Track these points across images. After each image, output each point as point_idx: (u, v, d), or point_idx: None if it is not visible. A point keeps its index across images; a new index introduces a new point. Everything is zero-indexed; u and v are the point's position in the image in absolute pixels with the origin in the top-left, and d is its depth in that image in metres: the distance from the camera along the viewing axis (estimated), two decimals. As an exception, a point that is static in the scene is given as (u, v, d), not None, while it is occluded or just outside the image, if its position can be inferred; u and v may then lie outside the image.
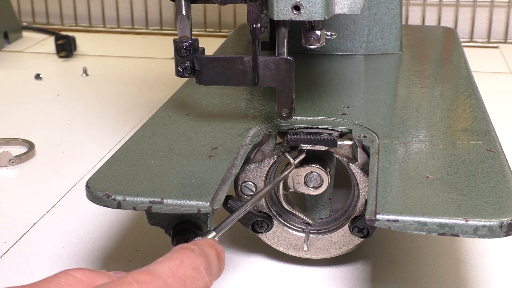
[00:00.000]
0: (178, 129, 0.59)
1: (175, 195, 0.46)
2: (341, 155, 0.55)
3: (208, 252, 0.39)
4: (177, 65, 0.56)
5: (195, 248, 0.39)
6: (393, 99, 0.67)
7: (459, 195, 0.45)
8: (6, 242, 0.63)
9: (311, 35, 0.55)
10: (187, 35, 0.56)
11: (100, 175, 0.50)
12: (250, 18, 0.53)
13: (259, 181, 0.55)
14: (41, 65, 1.26)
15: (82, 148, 0.86)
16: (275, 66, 0.53)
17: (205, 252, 0.39)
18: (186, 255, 0.38)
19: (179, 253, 0.38)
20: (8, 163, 0.81)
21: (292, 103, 0.54)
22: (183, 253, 0.38)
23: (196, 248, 0.39)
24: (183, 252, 0.38)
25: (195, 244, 0.39)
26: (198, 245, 0.39)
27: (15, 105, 1.03)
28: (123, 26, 1.54)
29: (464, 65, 0.78)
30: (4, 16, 1.39)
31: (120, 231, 0.65)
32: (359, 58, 0.81)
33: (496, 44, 1.38)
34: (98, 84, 1.14)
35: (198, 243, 0.40)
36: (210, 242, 0.41)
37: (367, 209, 0.44)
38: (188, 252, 0.38)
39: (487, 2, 1.38)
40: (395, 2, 0.82)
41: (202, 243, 0.40)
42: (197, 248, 0.39)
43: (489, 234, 0.42)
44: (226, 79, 0.55)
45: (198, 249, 0.39)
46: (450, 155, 0.52)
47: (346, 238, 0.56)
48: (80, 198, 0.72)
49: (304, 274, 0.58)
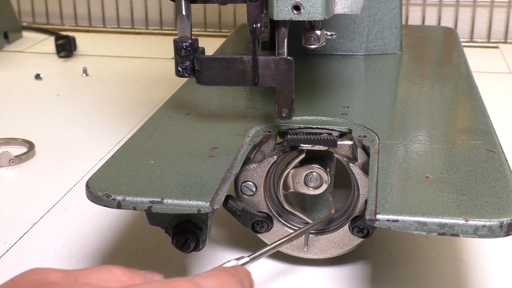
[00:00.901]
0: (178, 129, 0.59)
1: (175, 195, 0.46)
2: (341, 155, 0.55)
3: (244, 280, 0.40)
4: (177, 65, 0.56)
5: (236, 273, 0.39)
6: (393, 99, 0.67)
7: (459, 195, 0.45)
8: (6, 242, 0.63)
9: (311, 35, 0.55)
10: (187, 35, 0.56)
11: (100, 175, 0.50)
12: (250, 18, 0.53)
13: (259, 181, 0.55)
14: (41, 65, 1.26)
15: (82, 148, 0.86)
16: (275, 66, 0.53)
17: (242, 281, 0.39)
18: (228, 278, 0.38)
19: (222, 273, 0.38)
20: (8, 163, 0.81)
21: (292, 103, 0.54)
22: (226, 275, 0.38)
23: (237, 274, 0.39)
24: (226, 274, 0.38)
25: (235, 270, 0.40)
26: (237, 271, 0.40)
27: (15, 105, 1.03)
28: (123, 26, 1.54)
29: (464, 65, 0.78)
30: (4, 16, 1.39)
31: (120, 231, 0.65)
32: (359, 58, 0.81)
33: (496, 44, 1.38)
34: (98, 84, 1.14)
35: (237, 269, 0.40)
36: (246, 272, 0.41)
37: (367, 209, 0.44)
38: (230, 276, 0.38)
39: (487, 2, 1.38)
40: (395, 2, 0.82)
41: (240, 271, 0.40)
42: (237, 274, 0.39)
43: (489, 234, 0.42)
44: (226, 79, 0.55)
45: (238, 276, 0.39)
46: (450, 155, 0.52)
47: (346, 238, 0.56)
48: (80, 198, 0.72)
49: (304, 274, 0.58)
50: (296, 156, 0.55)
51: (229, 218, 0.57)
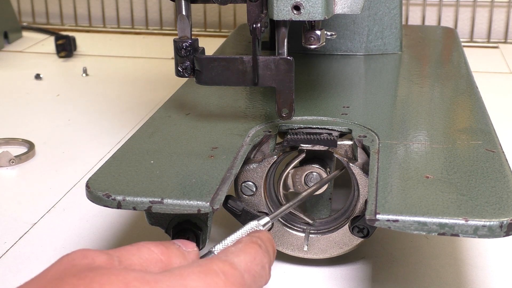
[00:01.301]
0: (178, 129, 0.59)
1: (175, 195, 0.46)
2: (341, 155, 0.55)
3: (269, 249, 0.41)
4: (177, 65, 0.56)
5: (262, 245, 0.40)
6: (393, 99, 0.67)
7: (459, 195, 0.45)
8: (6, 242, 0.63)
9: (311, 35, 0.55)
10: (187, 35, 0.56)
11: (100, 175, 0.50)
12: (250, 18, 0.53)
13: (259, 181, 0.55)
14: (41, 65, 1.26)
15: (82, 148, 0.86)
16: (275, 66, 0.53)
17: (268, 250, 0.40)
18: (257, 251, 0.39)
19: (252, 247, 0.39)
20: (8, 163, 0.81)
21: (292, 103, 0.54)
22: (255, 248, 0.39)
23: (263, 245, 0.40)
24: (254, 248, 0.39)
25: (260, 239, 0.41)
26: (262, 240, 0.41)
27: (15, 105, 1.03)
28: (123, 26, 1.54)
29: (464, 65, 0.78)
30: (4, 16, 1.39)
31: (120, 231, 0.65)
32: (359, 58, 0.81)
33: (496, 44, 1.38)
34: (98, 84, 1.14)
35: (262, 238, 0.41)
36: (270, 238, 0.42)
37: (367, 209, 0.44)
38: (258, 248, 0.39)
39: (487, 2, 1.38)
40: (395, 2, 0.82)
41: (265, 239, 0.41)
42: (263, 245, 0.40)
43: (489, 234, 0.42)
44: (226, 79, 0.55)
45: (264, 246, 0.40)
46: (450, 155, 0.52)
47: (346, 238, 0.56)
48: (80, 198, 0.72)
49: (304, 274, 0.58)
50: (296, 156, 0.55)
51: (229, 218, 0.57)
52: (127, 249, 0.37)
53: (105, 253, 0.35)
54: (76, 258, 0.35)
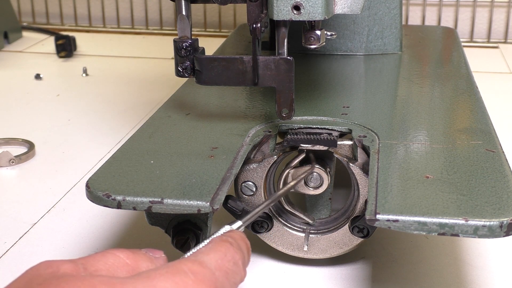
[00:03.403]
0: (178, 129, 0.59)
1: (175, 195, 0.46)
2: (341, 155, 0.55)
3: (242, 246, 0.40)
4: (177, 65, 0.56)
5: (233, 242, 0.39)
6: (393, 99, 0.67)
7: (459, 195, 0.45)
8: (6, 242, 0.63)
9: (311, 35, 0.55)
10: (187, 35, 0.56)
11: (100, 175, 0.50)
12: (250, 18, 0.53)
13: (259, 181, 0.55)
14: (41, 65, 1.26)
15: (82, 148, 0.86)
16: (275, 66, 0.53)
17: (240, 247, 0.40)
18: (228, 248, 0.39)
19: (222, 245, 0.39)
20: (8, 163, 0.81)
21: (292, 103, 0.54)
22: (225, 246, 0.39)
23: (234, 243, 0.39)
24: (225, 245, 0.39)
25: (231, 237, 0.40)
26: (233, 238, 0.40)
27: (15, 105, 1.03)
28: (123, 26, 1.54)
29: (464, 65, 0.78)
30: (4, 16, 1.39)
31: (120, 231, 0.65)
32: (359, 58, 0.81)
33: (496, 44, 1.38)
34: (98, 84, 1.14)
35: (233, 236, 0.40)
36: (242, 236, 0.42)
37: (367, 209, 0.44)
38: (229, 245, 0.39)
39: (487, 2, 1.38)
40: (395, 2, 0.82)
41: (236, 237, 0.41)
42: (235, 243, 0.39)
43: (489, 234, 0.42)
44: (226, 79, 0.55)
45: (236, 244, 0.39)
46: (450, 155, 0.52)
47: (346, 238, 0.56)
48: (80, 198, 0.72)
49: (304, 274, 0.58)
50: (296, 156, 0.55)
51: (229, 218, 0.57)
52: (92, 256, 0.36)
53: (70, 261, 0.35)
54: (41, 268, 0.34)
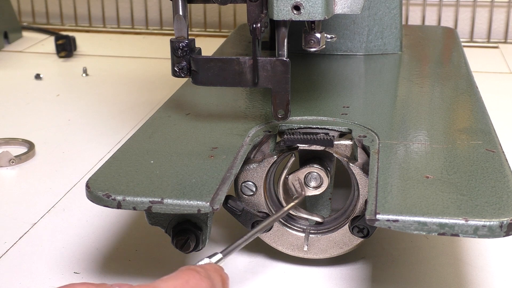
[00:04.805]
0: (178, 129, 0.59)
1: (175, 195, 0.46)
2: (341, 155, 0.55)
3: (213, 276, 0.40)
4: (173, 65, 0.56)
5: (201, 270, 0.39)
6: (393, 99, 0.67)
7: (459, 195, 0.45)
8: (6, 242, 0.63)
9: (311, 38, 0.55)
10: (184, 35, 0.56)
11: (100, 175, 0.50)
12: (250, 18, 0.53)
13: (259, 181, 0.55)
14: (41, 65, 1.26)
15: (82, 148, 0.86)
16: (271, 68, 0.53)
17: (210, 276, 0.39)
18: (192, 275, 0.38)
19: (185, 273, 0.38)
20: (8, 163, 0.81)
21: (288, 104, 0.54)
22: (189, 273, 0.38)
23: (202, 271, 0.39)
24: (188, 273, 0.38)
25: (201, 267, 0.40)
26: (203, 268, 0.40)
27: (15, 105, 1.03)
28: (123, 26, 1.54)
29: (464, 65, 0.78)
30: (4, 16, 1.39)
31: (120, 231, 0.65)
32: (359, 58, 0.81)
33: (496, 44, 1.38)
34: (98, 84, 1.14)
35: (204, 266, 0.40)
36: (216, 267, 0.41)
37: (367, 209, 0.44)
38: (194, 273, 0.38)
39: (487, 2, 1.38)
40: (395, 2, 0.82)
41: (208, 267, 0.40)
42: (203, 271, 0.39)
43: (489, 234, 0.42)
44: (222, 79, 0.55)
45: (204, 272, 0.39)
46: (450, 155, 0.52)
47: (346, 238, 0.56)
48: (80, 198, 0.72)
49: (304, 274, 0.58)
50: (287, 161, 0.55)
51: (229, 218, 0.57)
52: None
53: None
54: None
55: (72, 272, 0.58)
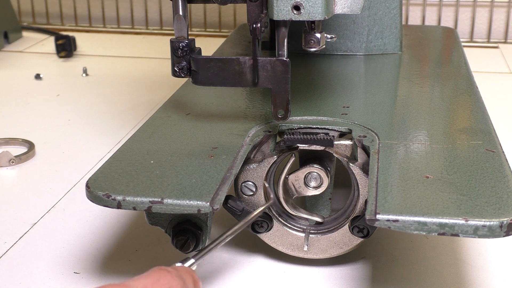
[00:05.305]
0: (178, 129, 0.59)
1: (175, 195, 0.46)
2: (341, 155, 0.55)
3: (185, 277, 0.40)
4: (173, 65, 0.56)
5: (172, 271, 0.40)
6: (393, 99, 0.67)
7: (459, 195, 0.45)
8: (6, 242, 0.63)
9: (311, 38, 0.55)
10: (184, 35, 0.56)
11: (100, 175, 0.50)
12: (250, 18, 0.53)
13: (259, 181, 0.55)
14: (41, 65, 1.26)
15: (82, 148, 0.86)
16: (271, 68, 0.53)
17: (182, 276, 0.40)
18: (163, 275, 0.39)
19: (156, 272, 0.39)
20: (8, 163, 0.81)
21: (287, 104, 0.54)
22: (160, 272, 0.39)
23: (173, 271, 0.40)
24: (159, 272, 0.39)
25: (172, 267, 0.40)
26: (175, 268, 0.40)
27: (15, 105, 1.03)
28: (123, 26, 1.54)
29: (464, 65, 0.78)
30: (4, 16, 1.39)
31: (120, 231, 0.65)
32: (359, 58, 0.81)
33: (496, 44, 1.38)
34: (98, 84, 1.14)
35: (175, 267, 0.41)
36: (188, 269, 0.42)
37: (367, 209, 0.44)
38: (165, 272, 0.39)
39: (487, 2, 1.38)
40: (395, 2, 0.82)
41: (179, 268, 0.41)
42: (174, 271, 0.40)
43: (489, 234, 0.42)
44: (222, 79, 0.55)
45: (175, 272, 0.40)
46: (450, 155, 0.52)
47: (346, 238, 0.56)
48: (80, 198, 0.72)
49: (304, 274, 0.58)
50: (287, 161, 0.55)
51: (229, 218, 0.57)
52: None
53: None
54: None
55: (72, 272, 0.58)
